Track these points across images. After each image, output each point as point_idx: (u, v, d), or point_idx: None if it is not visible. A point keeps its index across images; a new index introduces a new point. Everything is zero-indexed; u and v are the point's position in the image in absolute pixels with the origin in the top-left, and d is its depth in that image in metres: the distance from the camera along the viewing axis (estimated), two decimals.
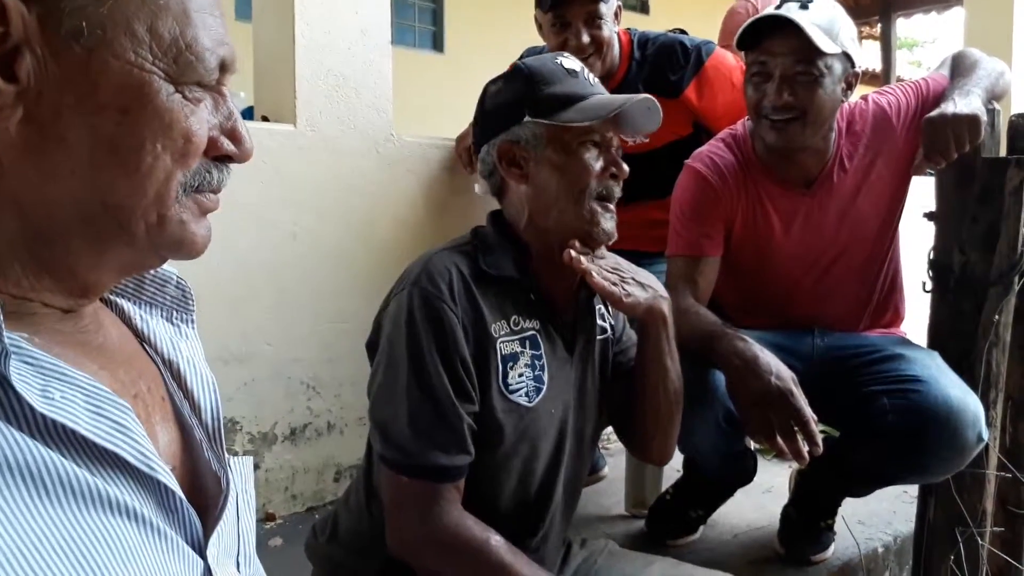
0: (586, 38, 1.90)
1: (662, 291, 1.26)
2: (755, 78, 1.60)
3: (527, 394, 1.16)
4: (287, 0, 2.09)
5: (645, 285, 1.23)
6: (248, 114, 2.59)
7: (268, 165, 2.04)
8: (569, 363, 1.22)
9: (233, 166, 0.59)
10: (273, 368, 2.05)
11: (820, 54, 1.54)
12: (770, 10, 1.58)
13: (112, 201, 0.52)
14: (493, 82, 1.24)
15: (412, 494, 1.11)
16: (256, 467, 2.06)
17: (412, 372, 1.09)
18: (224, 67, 0.56)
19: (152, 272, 0.65)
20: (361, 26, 2.19)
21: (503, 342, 1.14)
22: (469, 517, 1.11)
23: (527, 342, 1.17)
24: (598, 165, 1.17)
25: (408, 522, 1.12)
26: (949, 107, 1.57)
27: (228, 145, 0.56)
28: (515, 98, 1.19)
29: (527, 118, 1.17)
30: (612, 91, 1.98)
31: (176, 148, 0.52)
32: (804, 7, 1.55)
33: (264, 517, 2.05)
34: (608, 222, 1.19)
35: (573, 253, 1.15)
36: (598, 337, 1.29)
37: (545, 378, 1.18)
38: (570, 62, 1.21)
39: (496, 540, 1.10)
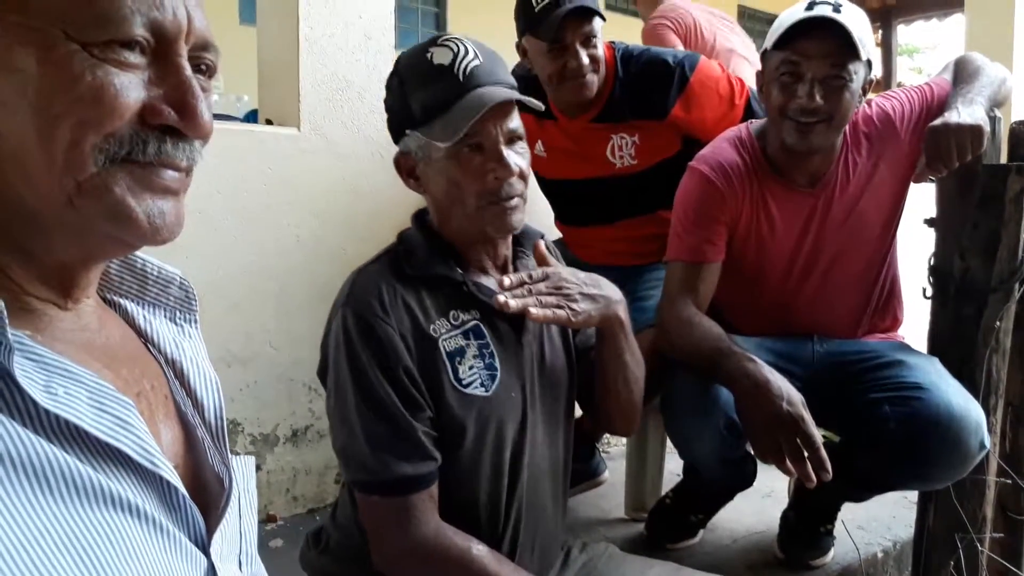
0: (585, 59, 1.88)
1: (615, 295, 1.24)
2: (784, 78, 1.57)
3: (482, 384, 1.15)
4: (291, 4, 2.10)
5: (595, 296, 1.20)
6: (252, 117, 2.61)
7: (272, 168, 2.05)
8: (519, 345, 1.21)
9: (237, 169, 0.59)
10: (275, 370, 2.06)
11: (854, 58, 1.53)
12: (804, 11, 1.55)
13: (26, 169, 0.51)
14: (387, 81, 1.21)
15: (386, 512, 1.11)
16: (258, 468, 2.06)
17: (358, 392, 1.09)
18: (161, 33, 0.53)
19: (155, 273, 0.65)
20: (365, 30, 2.20)
21: (445, 339, 1.14)
22: (448, 527, 1.12)
23: (471, 334, 1.16)
24: (479, 170, 1.13)
25: (388, 540, 1.12)
26: (952, 116, 1.57)
27: (171, 115, 0.53)
28: (395, 109, 1.19)
29: (407, 131, 1.17)
30: (597, 116, 2.01)
31: (81, 109, 0.50)
32: (837, 10, 1.54)
33: (265, 518, 2.05)
34: (505, 220, 1.16)
35: (502, 299, 1.09)
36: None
37: (497, 364, 1.17)
38: (441, 53, 1.13)
39: (479, 549, 1.11)
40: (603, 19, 1.92)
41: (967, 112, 1.57)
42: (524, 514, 1.21)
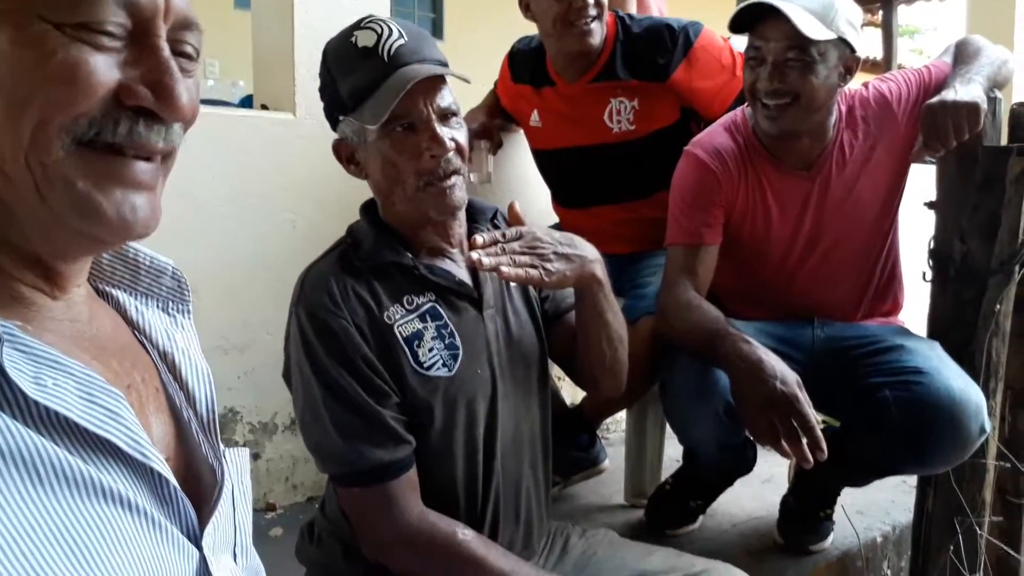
0: None
1: (590, 253, 1.23)
2: (751, 61, 1.59)
3: (444, 364, 1.15)
4: None
5: (570, 255, 1.20)
6: (247, 103, 2.59)
7: (267, 154, 2.04)
8: (480, 320, 1.21)
9: (232, 155, 0.59)
10: (273, 357, 2.03)
11: (811, 40, 1.52)
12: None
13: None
14: (320, 69, 1.21)
15: (369, 503, 1.12)
16: (256, 457, 2.06)
17: (323, 387, 1.10)
18: (138, 13, 0.52)
19: (148, 263, 0.65)
20: (360, 14, 2.16)
21: (400, 325, 1.14)
22: (431, 512, 1.12)
23: (427, 316, 1.16)
24: (413, 149, 1.13)
25: (374, 530, 1.13)
26: (949, 94, 1.56)
27: (147, 95, 0.52)
28: (327, 96, 1.19)
29: (340, 117, 1.17)
30: (596, 75, 2.00)
31: (51, 88, 0.49)
32: None
33: (265, 507, 2.06)
34: (445, 200, 1.15)
35: (475, 255, 1.10)
36: (511, 283, 1.28)
37: (458, 343, 1.17)
38: (365, 36, 1.13)
39: (464, 533, 1.12)
40: None
41: (964, 90, 1.56)
42: (503, 488, 1.22)
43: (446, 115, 1.15)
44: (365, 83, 1.12)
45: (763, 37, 1.56)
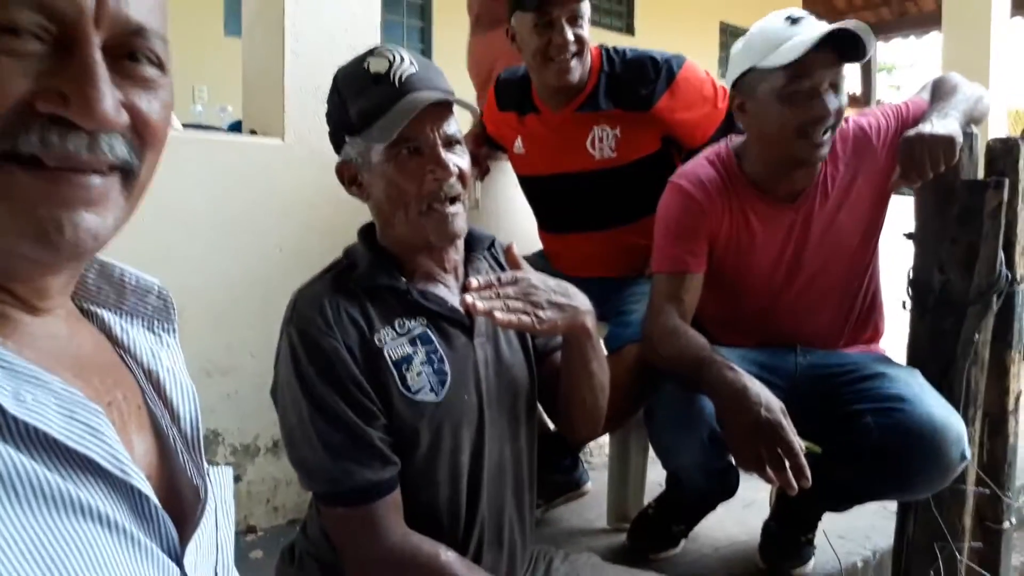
0: (570, 35, 1.91)
1: (583, 304, 1.23)
2: (796, 96, 1.56)
3: (432, 389, 1.15)
4: (277, 16, 2.10)
5: (563, 305, 1.20)
6: (236, 128, 2.60)
7: (255, 179, 2.05)
8: (471, 348, 1.21)
9: (221, 179, 0.57)
10: (256, 380, 2.04)
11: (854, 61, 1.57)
12: (810, 31, 1.55)
13: None
14: (328, 96, 1.23)
15: (352, 523, 1.12)
16: (238, 479, 2.05)
17: (312, 407, 1.10)
18: (58, 15, 0.48)
19: (133, 282, 0.64)
20: (350, 43, 2.20)
21: (390, 348, 1.14)
22: (415, 534, 1.12)
23: (418, 340, 1.17)
24: (417, 172, 1.14)
25: (357, 550, 1.13)
26: (926, 127, 1.60)
27: (56, 100, 0.48)
28: (335, 119, 1.21)
29: (347, 138, 1.19)
30: (580, 105, 2.04)
31: None
32: (819, 18, 1.58)
33: (245, 529, 2.04)
34: (446, 225, 1.16)
35: (469, 299, 1.11)
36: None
37: (447, 369, 1.17)
38: (377, 62, 1.15)
39: (447, 555, 1.12)
40: None
41: (941, 124, 1.60)
42: (487, 515, 1.22)
43: (451, 142, 1.17)
44: (375, 105, 1.14)
45: (809, 70, 1.54)
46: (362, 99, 1.15)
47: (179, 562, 0.55)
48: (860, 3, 9.03)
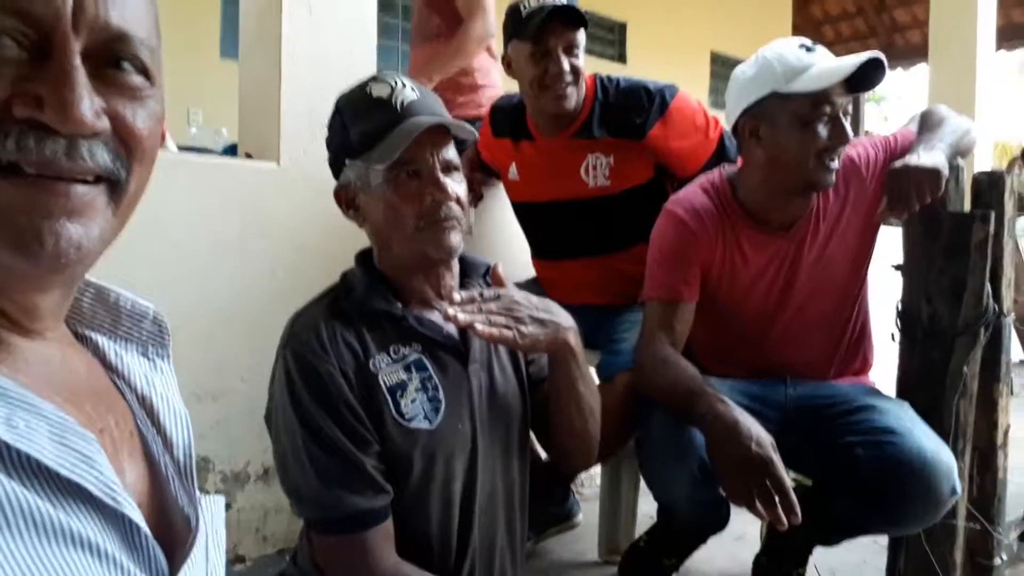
0: (566, 65, 1.94)
1: (565, 321, 1.25)
2: (818, 122, 1.58)
3: (426, 417, 1.15)
4: (275, 40, 2.12)
5: (545, 321, 1.21)
6: (231, 151, 2.61)
7: (250, 202, 2.05)
8: (465, 375, 1.21)
9: (215, 202, 0.56)
10: (247, 406, 2.03)
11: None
12: (828, 59, 1.59)
13: None
14: (328, 121, 1.25)
15: (344, 551, 1.11)
16: (227, 507, 2.02)
17: (306, 432, 1.10)
18: (34, 20, 0.48)
19: (129, 307, 0.64)
20: (347, 66, 2.22)
21: (385, 374, 1.14)
22: (405, 564, 1.12)
23: (412, 367, 1.17)
24: (416, 195, 1.16)
25: None
26: (912, 159, 1.63)
27: (32, 104, 0.47)
28: (336, 142, 1.23)
29: (347, 161, 1.20)
30: (575, 133, 2.06)
31: None
32: (811, 50, 1.61)
33: (234, 558, 2.01)
34: (444, 238, 1.17)
35: (451, 311, 1.12)
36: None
37: (441, 396, 1.17)
38: (379, 88, 1.18)
39: None
40: (586, 27, 1.98)
41: (927, 156, 1.62)
42: (479, 545, 1.21)
43: (449, 168, 1.19)
44: (377, 128, 1.15)
45: (831, 96, 1.57)
46: (364, 122, 1.17)
47: None
48: (848, 34, 9.18)
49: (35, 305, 0.54)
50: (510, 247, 2.46)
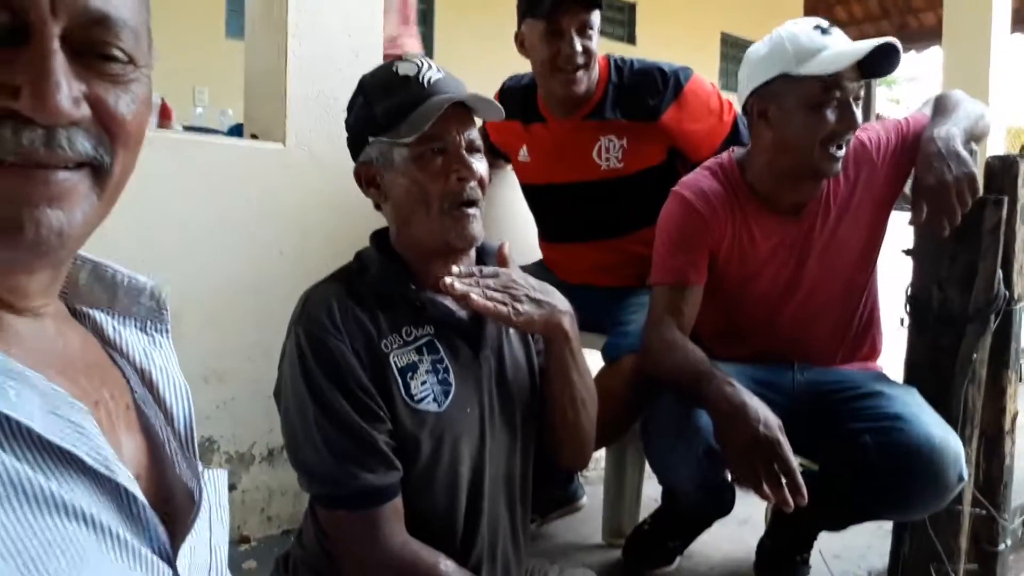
0: (578, 46, 1.92)
1: (561, 304, 1.25)
2: (827, 106, 1.56)
3: (435, 399, 1.16)
4: (280, 20, 2.10)
5: (541, 301, 1.22)
6: (236, 131, 2.59)
7: (256, 183, 2.04)
8: (476, 360, 1.22)
9: (220, 183, 0.56)
10: (253, 386, 2.03)
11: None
12: (843, 42, 1.57)
13: None
14: (350, 101, 1.25)
15: (353, 527, 1.11)
16: (232, 488, 2.03)
17: (317, 408, 1.10)
18: (13, 6, 0.47)
19: (126, 283, 0.64)
20: (353, 48, 2.20)
21: (396, 355, 1.15)
22: (415, 542, 1.12)
23: (424, 349, 1.17)
24: (441, 172, 1.16)
25: (356, 556, 1.12)
26: (947, 173, 1.56)
27: (7, 93, 0.46)
28: (358, 118, 1.23)
29: (370, 138, 1.20)
30: (588, 114, 2.04)
31: None
32: (827, 32, 1.59)
33: (239, 539, 2.02)
34: (466, 227, 1.17)
35: (448, 280, 1.13)
36: (510, 328, 1.29)
37: (452, 380, 1.17)
38: (405, 66, 1.19)
39: (446, 564, 1.11)
40: (601, 8, 1.96)
41: (956, 163, 1.57)
42: (485, 529, 1.21)
43: (473, 148, 1.19)
44: (403, 103, 1.16)
45: (842, 81, 1.55)
46: (390, 98, 1.17)
47: (171, 563, 0.54)
48: (861, 15, 9.07)
49: (23, 286, 0.53)
50: (517, 230, 2.44)
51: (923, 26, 8.42)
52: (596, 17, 1.96)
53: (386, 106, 1.17)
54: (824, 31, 1.59)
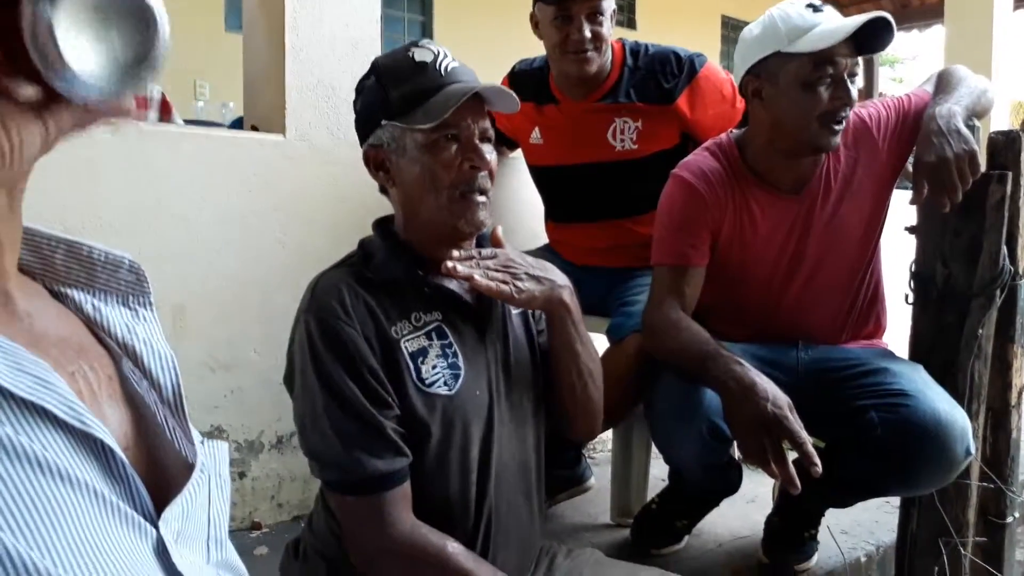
0: (588, 32, 1.93)
1: (560, 279, 1.26)
2: (821, 83, 1.57)
3: (445, 383, 1.17)
4: (278, 13, 2.10)
5: (541, 278, 1.24)
6: (238, 125, 2.60)
7: (257, 175, 2.05)
8: (482, 344, 1.23)
9: (222, 175, 0.54)
10: (260, 375, 2.05)
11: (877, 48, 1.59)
12: (835, 19, 1.57)
13: None
14: (360, 83, 1.25)
15: (361, 511, 1.12)
16: (242, 475, 2.05)
17: (327, 394, 1.10)
18: None
19: (103, 258, 0.63)
20: (351, 39, 2.20)
21: (407, 341, 1.16)
22: (423, 526, 1.13)
23: (433, 334, 1.18)
24: (454, 159, 1.17)
25: (364, 540, 1.13)
26: (947, 150, 1.56)
27: None
28: (371, 101, 1.22)
29: (383, 122, 1.19)
30: (602, 97, 2.05)
31: None
32: (818, 10, 1.58)
33: (250, 526, 2.04)
34: (476, 213, 1.19)
35: (450, 264, 1.14)
36: (513, 312, 1.31)
37: (461, 364, 1.19)
38: (421, 53, 1.19)
39: (454, 547, 1.12)
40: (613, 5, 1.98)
41: (957, 140, 1.57)
42: (496, 512, 1.22)
43: (485, 138, 1.20)
44: (421, 90, 1.16)
45: (834, 57, 1.55)
46: (406, 84, 1.17)
47: (154, 523, 0.53)
48: None
49: None
50: (520, 216, 2.45)
51: (925, 4, 8.35)
52: (608, 2, 1.97)
53: (402, 91, 1.17)
54: (816, 9, 1.59)
